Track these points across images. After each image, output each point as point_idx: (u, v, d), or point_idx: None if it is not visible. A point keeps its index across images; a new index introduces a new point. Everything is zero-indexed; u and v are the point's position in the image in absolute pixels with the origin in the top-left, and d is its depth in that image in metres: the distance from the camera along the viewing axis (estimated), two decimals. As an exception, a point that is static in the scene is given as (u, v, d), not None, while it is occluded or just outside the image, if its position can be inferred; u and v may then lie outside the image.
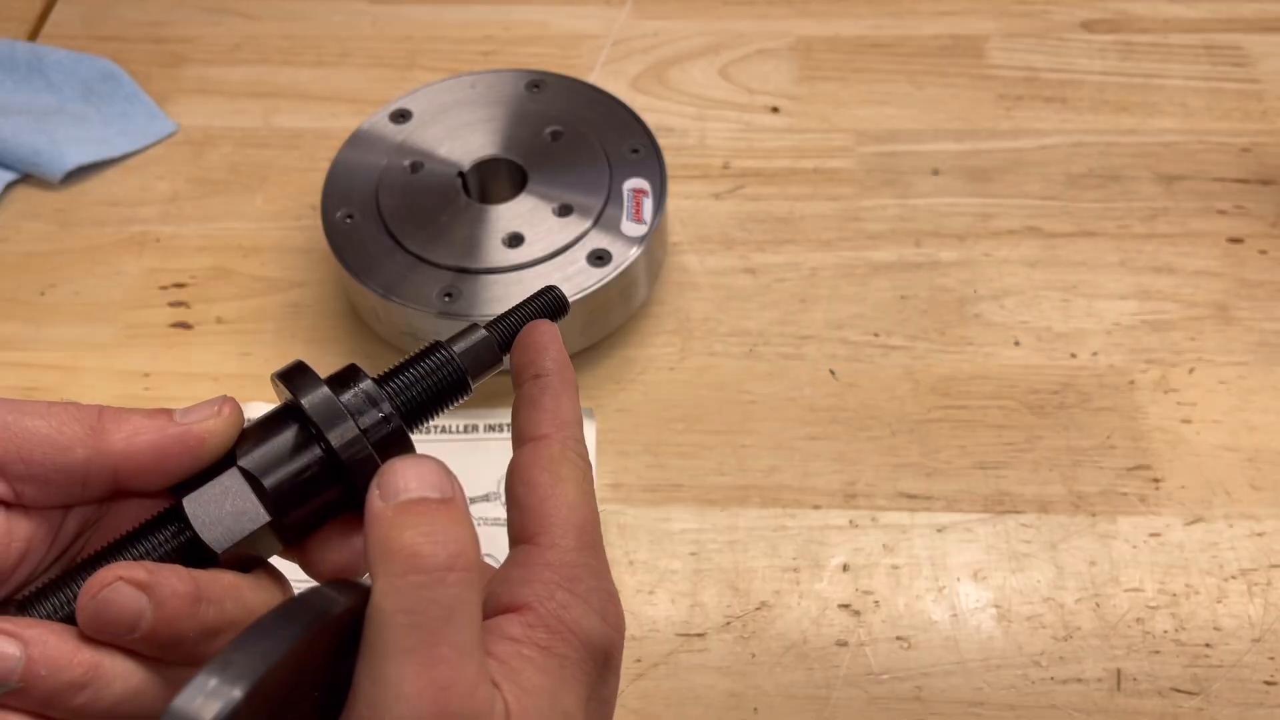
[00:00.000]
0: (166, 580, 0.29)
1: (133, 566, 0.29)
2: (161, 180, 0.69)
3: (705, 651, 0.50)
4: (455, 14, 0.78)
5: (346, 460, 0.31)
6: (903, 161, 0.68)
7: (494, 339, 0.34)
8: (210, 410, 0.31)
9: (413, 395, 0.33)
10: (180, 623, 0.29)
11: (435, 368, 0.33)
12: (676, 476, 0.56)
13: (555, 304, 0.35)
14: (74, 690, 0.29)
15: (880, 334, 0.60)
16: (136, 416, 0.31)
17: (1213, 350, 0.59)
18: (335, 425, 0.31)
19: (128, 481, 0.31)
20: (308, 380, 0.32)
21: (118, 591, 0.29)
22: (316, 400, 0.31)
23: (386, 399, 0.32)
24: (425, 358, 0.33)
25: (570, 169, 0.60)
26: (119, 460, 0.31)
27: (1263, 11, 0.75)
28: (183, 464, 0.31)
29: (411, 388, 0.33)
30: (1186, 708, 0.48)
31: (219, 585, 0.30)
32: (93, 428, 0.30)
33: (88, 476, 0.31)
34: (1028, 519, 0.54)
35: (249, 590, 0.31)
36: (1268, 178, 0.66)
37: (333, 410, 0.31)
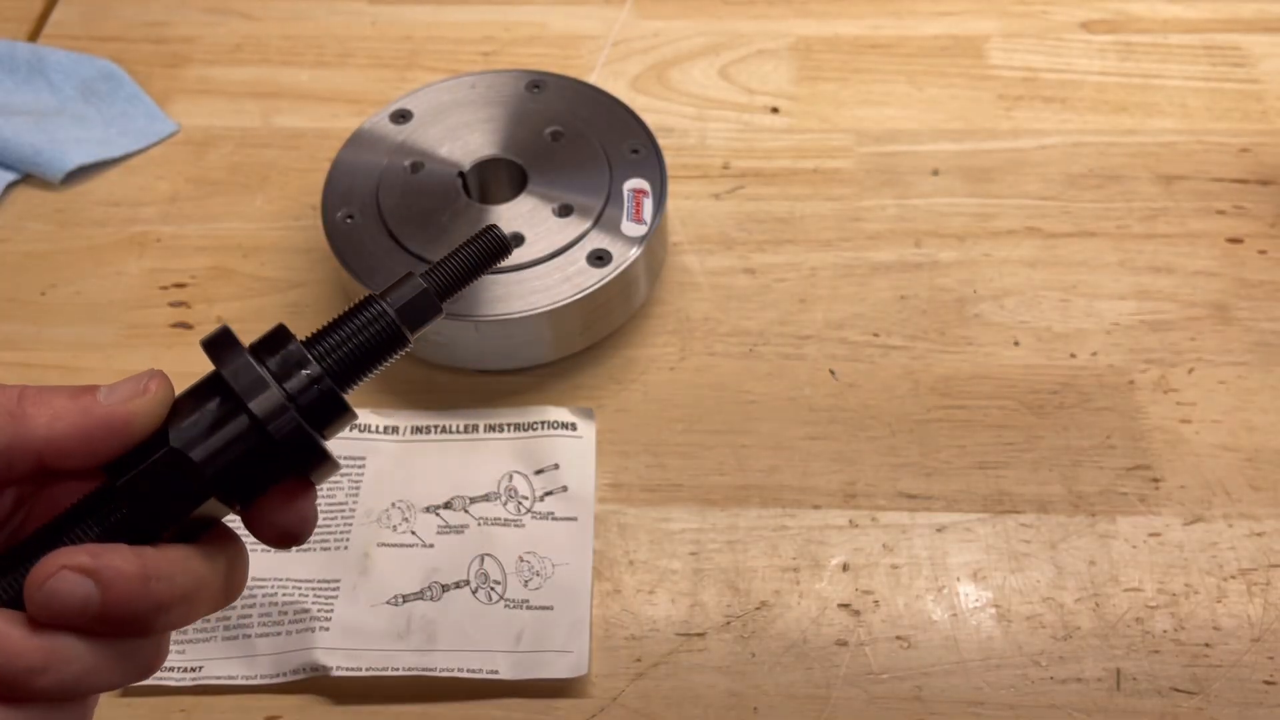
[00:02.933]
0: (112, 562, 0.29)
1: (76, 552, 0.29)
2: (162, 180, 0.69)
3: (705, 651, 0.50)
4: (455, 14, 0.78)
5: (273, 431, 0.30)
6: (902, 162, 0.68)
7: (431, 288, 0.33)
8: (136, 388, 0.31)
9: (345, 354, 0.32)
10: (131, 602, 0.29)
11: (368, 323, 0.32)
12: (676, 476, 0.56)
13: (495, 245, 0.34)
14: (32, 675, 0.28)
15: (880, 334, 0.60)
16: (59, 398, 0.30)
17: (1212, 350, 0.59)
18: (257, 395, 0.30)
19: (54, 463, 0.31)
20: (230, 349, 0.31)
21: (63, 580, 0.28)
22: (238, 369, 0.30)
23: (313, 361, 0.31)
24: (357, 313, 0.32)
25: (570, 169, 0.60)
26: (41, 445, 0.30)
27: (1262, 12, 0.75)
28: (111, 445, 0.31)
29: (342, 346, 0.32)
30: (1186, 707, 0.48)
31: (166, 560, 0.30)
32: (11, 412, 0.30)
33: (10, 460, 0.30)
34: (1027, 519, 0.54)
35: (198, 560, 0.31)
36: (1267, 178, 0.67)
37: (255, 380, 0.30)
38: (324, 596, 0.51)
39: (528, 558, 0.52)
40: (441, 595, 0.51)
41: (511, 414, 0.57)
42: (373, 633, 0.50)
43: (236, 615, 0.51)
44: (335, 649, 0.49)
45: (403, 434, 0.57)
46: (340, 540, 0.53)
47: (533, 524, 0.53)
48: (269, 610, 0.51)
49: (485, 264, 0.33)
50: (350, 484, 0.55)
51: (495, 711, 0.49)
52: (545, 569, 0.52)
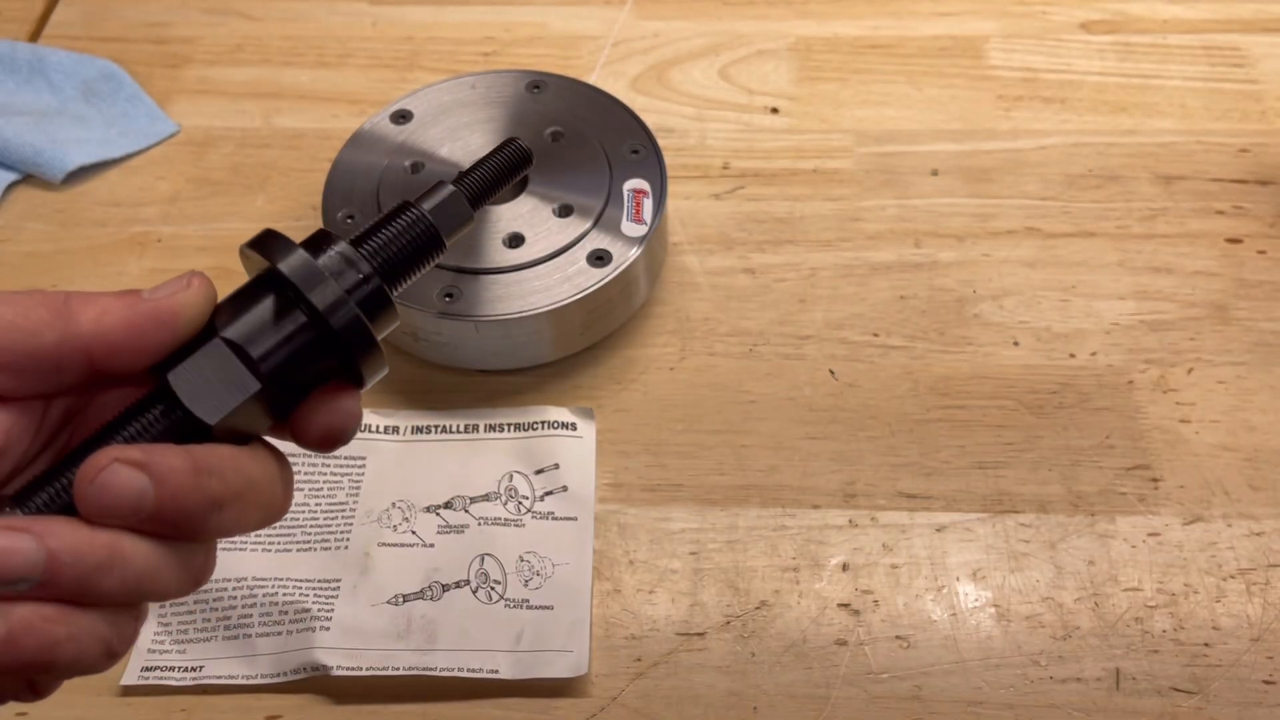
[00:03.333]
0: (163, 458, 0.29)
1: (126, 448, 0.29)
2: (163, 181, 0.69)
3: (705, 651, 0.50)
4: (456, 15, 0.78)
5: (333, 323, 0.30)
6: (902, 162, 0.68)
7: (463, 194, 0.33)
8: (180, 284, 0.31)
9: (389, 255, 0.32)
10: (184, 498, 0.29)
11: (408, 226, 0.32)
12: (676, 476, 0.56)
13: (519, 154, 0.35)
14: (99, 573, 0.29)
15: (879, 334, 0.60)
16: (104, 297, 0.31)
17: (1211, 350, 0.59)
18: (317, 287, 0.30)
19: (103, 363, 0.31)
20: (282, 244, 0.31)
21: (115, 474, 0.28)
22: (295, 263, 0.30)
23: (364, 259, 0.31)
24: (397, 217, 0.32)
25: (570, 169, 0.61)
26: (90, 341, 0.30)
27: (1261, 12, 0.75)
28: (158, 340, 0.30)
29: (387, 248, 0.32)
30: (1185, 707, 0.48)
31: (216, 457, 0.30)
32: (59, 311, 0.30)
33: (60, 361, 0.30)
34: (1027, 519, 0.54)
35: (248, 460, 0.31)
36: (1266, 178, 0.67)
37: (313, 272, 0.30)
38: (324, 596, 0.51)
39: (528, 557, 0.52)
40: (442, 595, 0.51)
41: (512, 414, 0.57)
42: (373, 632, 0.50)
43: (237, 615, 0.51)
44: (336, 649, 0.49)
45: (403, 434, 0.57)
46: (341, 540, 0.53)
47: (533, 524, 0.53)
48: (269, 610, 0.51)
49: (510, 173, 0.34)
50: (351, 484, 0.55)
51: (495, 711, 0.49)
52: (545, 569, 0.52)
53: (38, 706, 0.49)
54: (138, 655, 0.50)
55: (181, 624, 0.51)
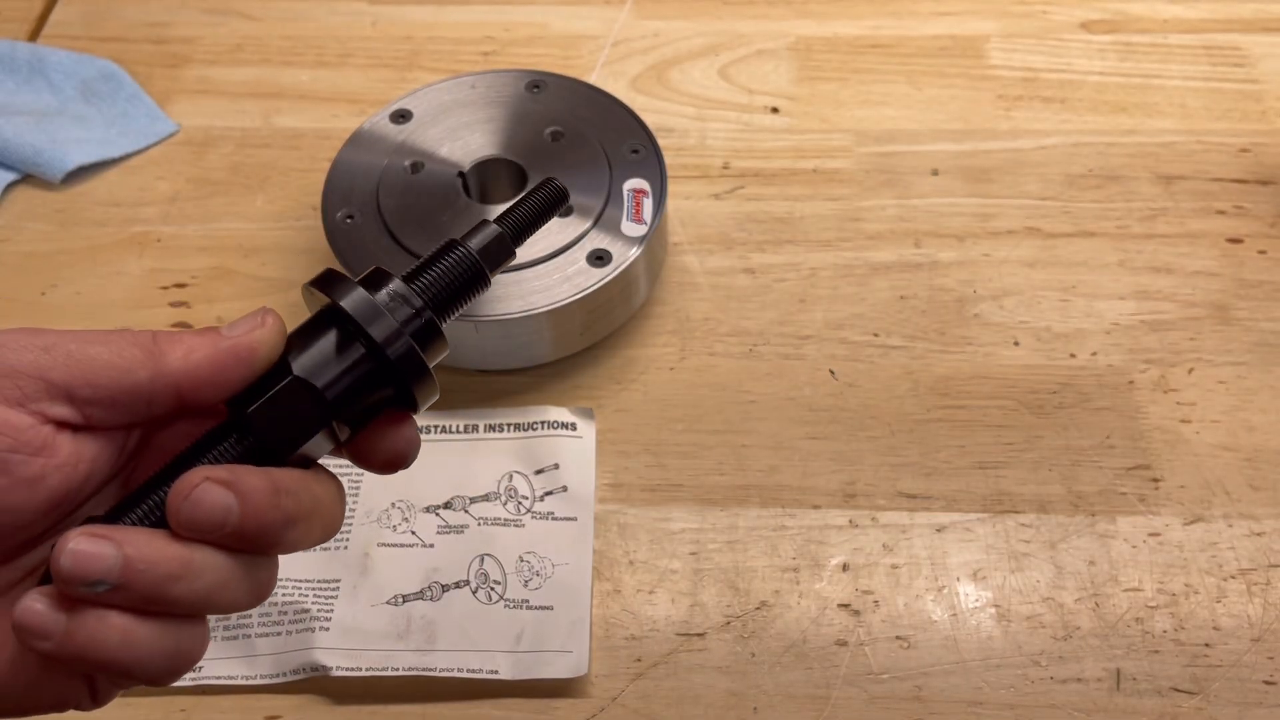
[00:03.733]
0: (246, 477, 0.31)
1: (214, 468, 0.31)
2: (162, 180, 0.69)
3: (705, 651, 0.50)
4: (455, 15, 0.78)
5: (390, 354, 0.33)
6: (902, 162, 0.68)
7: (506, 233, 0.36)
8: (255, 322, 0.34)
9: (439, 290, 0.35)
10: (264, 514, 0.31)
11: (455, 264, 0.35)
12: (676, 476, 0.56)
13: (556, 194, 0.37)
14: (172, 582, 0.31)
15: (880, 334, 0.60)
16: (189, 336, 0.33)
17: (1212, 350, 0.59)
18: (376, 322, 0.33)
19: (190, 397, 0.33)
20: (343, 284, 0.33)
21: (207, 491, 0.31)
22: (356, 300, 0.33)
23: (416, 294, 0.34)
24: (445, 255, 0.35)
25: (570, 169, 0.60)
26: (179, 378, 0.33)
27: (1262, 12, 0.75)
28: (239, 374, 0.33)
29: (436, 284, 0.35)
30: (1186, 707, 0.48)
31: (290, 478, 0.33)
32: (150, 351, 0.32)
33: (152, 396, 0.33)
34: (1027, 519, 0.54)
35: (315, 483, 0.34)
36: (1267, 178, 0.67)
37: (372, 308, 0.33)
38: (324, 596, 0.51)
39: (528, 558, 0.52)
40: (441, 595, 0.51)
41: (511, 414, 0.57)
42: (373, 633, 0.50)
43: (236, 615, 0.51)
44: (335, 649, 0.49)
45: (403, 434, 0.57)
46: (340, 540, 0.53)
47: (533, 524, 0.53)
48: (269, 610, 0.51)
49: (548, 211, 0.37)
50: (350, 484, 0.55)
51: (495, 711, 0.49)
52: (545, 569, 0.52)
53: (37, 707, 0.49)
54: (137, 655, 0.50)
55: (181, 624, 0.51)
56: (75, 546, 0.30)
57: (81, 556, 0.30)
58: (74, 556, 0.30)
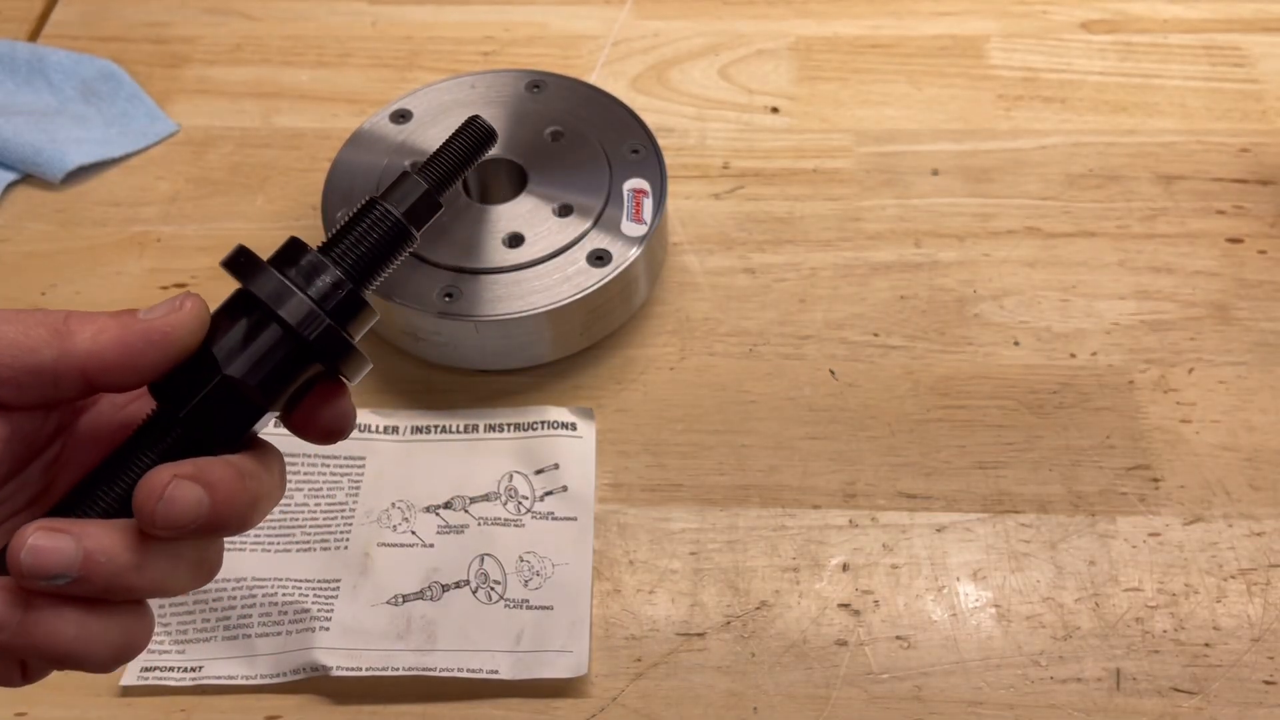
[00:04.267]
0: (212, 469, 0.31)
1: (180, 465, 0.31)
2: (162, 180, 0.69)
3: (705, 651, 0.50)
4: (455, 15, 0.78)
5: (306, 335, 0.32)
6: (902, 162, 0.68)
7: (429, 185, 0.34)
8: (173, 306, 0.33)
9: (359, 256, 0.33)
10: (234, 502, 0.32)
11: (375, 224, 0.33)
12: (676, 476, 0.56)
13: (482, 134, 0.35)
14: (130, 572, 0.31)
15: (880, 334, 0.60)
16: (102, 317, 0.32)
17: (1212, 350, 0.59)
18: (286, 304, 0.32)
19: (98, 379, 0.32)
20: (252, 265, 0.32)
21: (179, 488, 0.31)
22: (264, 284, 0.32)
23: (332, 265, 0.33)
24: (364, 217, 0.33)
25: (570, 169, 0.61)
26: (85, 359, 0.32)
27: (1262, 12, 0.75)
28: (152, 360, 0.32)
29: (356, 248, 0.33)
30: (1186, 707, 0.48)
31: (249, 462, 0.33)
32: (58, 330, 0.32)
33: (57, 376, 0.32)
34: (1027, 519, 0.54)
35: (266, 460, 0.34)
36: (1267, 178, 0.67)
37: (281, 290, 0.32)
38: (324, 596, 0.51)
39: (528, 557, 0.52)
40: (441, 595, 0.51)
41: (511, 414, 0.57)
42: (373, 633, 0.50)
43: (237, 615, 0.51)
44: (335, 649, 0.49)
45: (403, 434, 0.57)
46: (340, 540, 0.53)
47: (533, 524, 0.53)
48: (269, 610, 0.51)
49: (474, 154, 0.35)
50: (350, 484, 0.55)
51: (495, 711, 0.49)
52: (545, 569, 0.52)
53: (38, 706, 0.49)
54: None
55: (181, 624, 0.51)
56: (35, 542, 0.30)
57: (41, 552, 0.30)
58: (34, 552, 0.30)
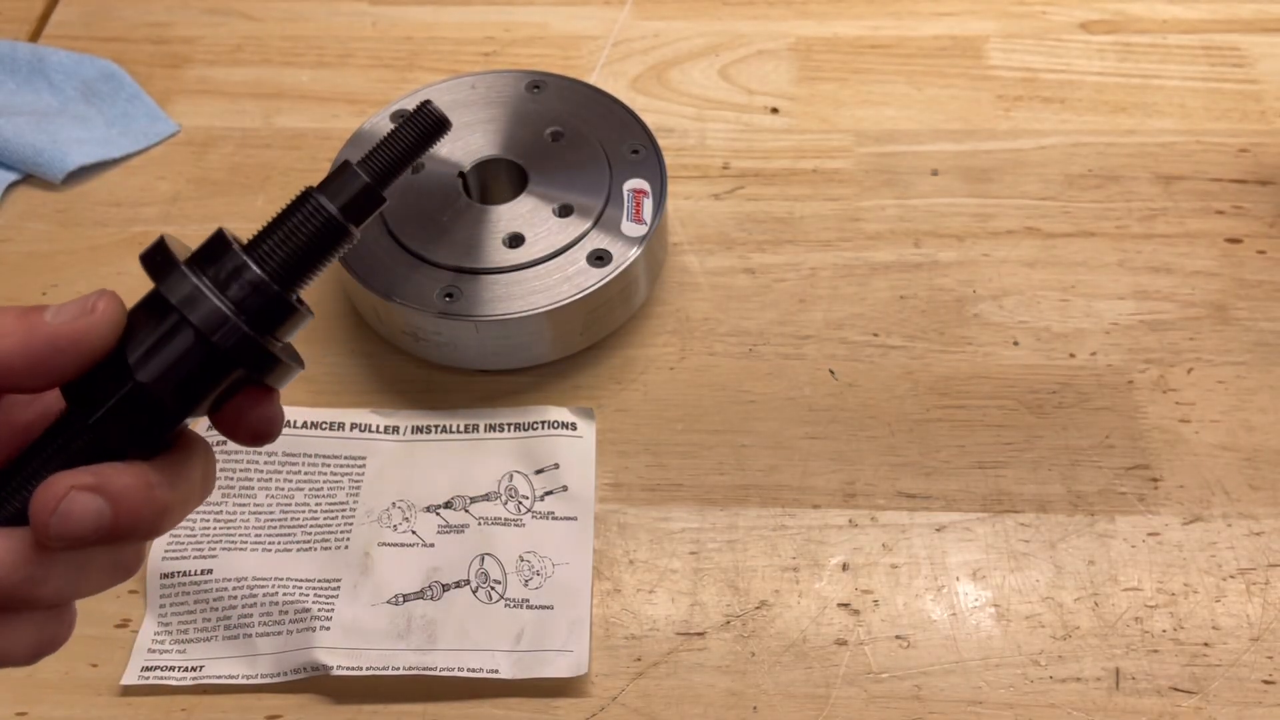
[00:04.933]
0: (115, 478, 0.29)
1: (78, 474, 0.29)
2: (163, 180, 0.69)
3: (705, 650, 0.50)
4: (456, 15, 0.78)
5: (218, 342, 0.29)
6: (902, 162, 0.68)
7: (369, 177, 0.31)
8: (83, 307, 0.30)
9: (287, 254, 0.30)
10: (138, 512, 0.29)
11: (306, 219, 0.30)
12: (676, 476, 0.56)
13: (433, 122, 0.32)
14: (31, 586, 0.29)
15: (879, 334, 0.60)
16: (7, 316, 0.30)
17: (1211, 350, 0.59)
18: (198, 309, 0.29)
19: (2, 383, 0.30)
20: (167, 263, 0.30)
21: (75, 501, 0.29)
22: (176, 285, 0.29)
23: (252, 266, 0.30)
24: (295, 211, 0.31)
25: (570, 169, 0.61)
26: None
27: (1261, 12, 0.75)
28: (59, 365, 0.30)
29: (284, 245, 0.30)
30: (1185, 707, 0.48)
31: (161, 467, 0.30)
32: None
33: None
34: (1026, 518, 0.54)
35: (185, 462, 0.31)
36: (1266, 178, 0.67)
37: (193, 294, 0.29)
38: (325, 596, 0.51)
39: (528, 557, 0.52)
40: (442, 595, 0.51)
41: (512, 414, 0.57)
42: (373, 632, 0.50)
43: (237, 615, 0.51)
44: (336, 648, 0.50)
45: (403, 434, 0.57)
46: (341, 540, 0.53)
47: (533, 523, 0.54)
48: (269, 610, 0.51)
49: (424, 144, 0.32)
50: (351, 484, 0.55)
51: (495, 711, 0.49)
52: (545, 568, 0.52)
53: (39, 705, 0.50)
54: (138, 655, 0.50)
55: (181, 624, 0.51)
56: None
57: None
58: None
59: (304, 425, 0.57)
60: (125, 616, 0.52)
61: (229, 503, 0.54)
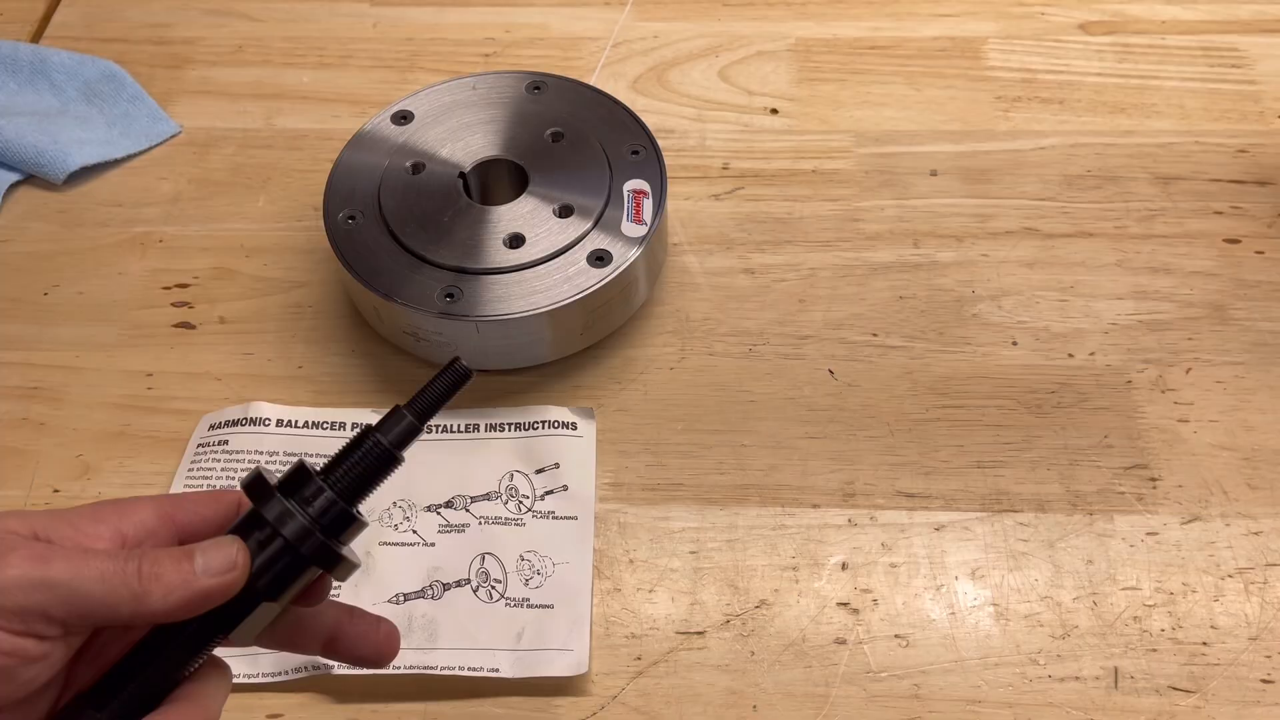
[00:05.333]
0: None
1: None
2: (164, 181, 0.70)
3: (705, 649, 0.50)
4: (457, 16, 0.78)
5: (306, 552, 0.37)
6: (901, 162, 0.68)
7: (414, 419, 0.39)
8: (227, 562, 0.36)
9: (352, 480, 0.39)
10: None
11: (367, 453, 0.39)
12: (676, 475, 0.56)
13: (461, 374, 0.40)
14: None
15: (879, 334, 0.61)
16: (167, 568, 0.35)
17: (1210, 350, 0.59)
18: (288, 524, 0.37)
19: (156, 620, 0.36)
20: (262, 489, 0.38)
21: None
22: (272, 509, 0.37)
23: (327, 489, 0.38)
24: (358, 446, 0.39)
25: (571, 170, 0.61)
26: (158, 615, 0.35)
27: (1260, 13, 0.75)
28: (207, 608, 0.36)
29: (350, 473, 0.39)
30: (1184, 706, 0.48)
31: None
32: (135, 593, 0.35)
33: (130, 624, 0.36)
34: (1025, 518, 0.54)
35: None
36: (1264, 178, 0.67)
37: (285, 513, 0.37)
38: (326, 595, 0.51)
39: (528, 556, 0.52)
40: (443, 594, 0.51)
41: (512, 414, 0.57)
42: (374, 631, 0.50)
43: (239, 614, 0.51)
44: (337, 647, 0.50)
45: (404, 433, 0.57)
46: (342, 539, 0.53)
47: (533, 523, 0.54)
48: (271, 609, 0.51)
49: (453, 392, 0.40)
50: (352, 483, 0.55)
51: (496, 709, 0.49)
52: (546, 568, 0.52)
53: (40, 705, 0.50)
54: (140, 654, 0.50)
55: (183, 623, 0.51)
56: None
57: None
58: None
59: (305, 425, 0.57)
60: (127, 615, 0.52)
61: (230, 502, 0.54)
